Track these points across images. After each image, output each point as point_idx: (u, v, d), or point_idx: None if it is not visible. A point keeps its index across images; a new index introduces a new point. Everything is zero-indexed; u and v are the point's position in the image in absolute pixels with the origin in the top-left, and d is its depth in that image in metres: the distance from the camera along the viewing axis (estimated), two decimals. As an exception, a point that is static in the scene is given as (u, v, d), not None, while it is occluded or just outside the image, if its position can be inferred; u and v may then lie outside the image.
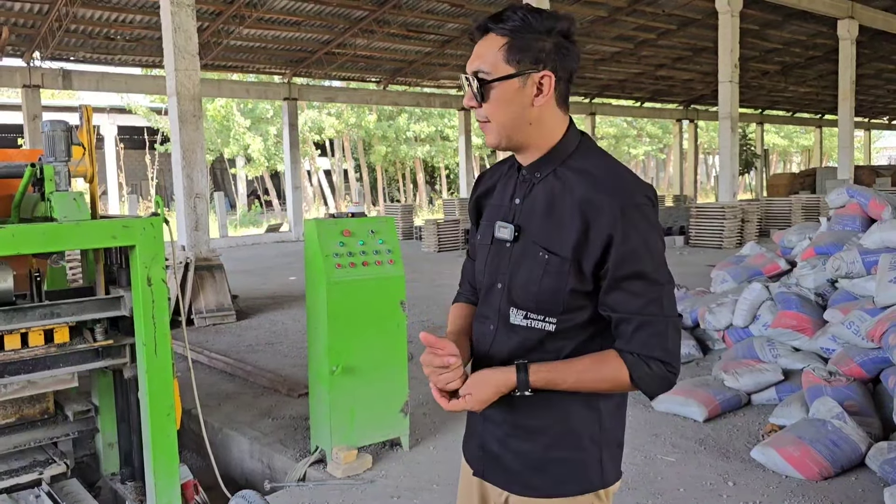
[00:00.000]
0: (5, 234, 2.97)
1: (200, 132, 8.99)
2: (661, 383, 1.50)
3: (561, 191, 1.53)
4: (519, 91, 1.51)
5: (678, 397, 4.70)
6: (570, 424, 1.58)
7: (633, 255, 1.45)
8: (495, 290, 1.62)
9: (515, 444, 1.61)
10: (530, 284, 1.54)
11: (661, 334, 1.47)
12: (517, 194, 1.61)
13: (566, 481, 1.58)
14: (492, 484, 1.66)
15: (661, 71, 24.69)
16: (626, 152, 40.68)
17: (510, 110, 1.52)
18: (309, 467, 4.01)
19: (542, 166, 1.58)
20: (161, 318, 3.38)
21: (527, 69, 1.50)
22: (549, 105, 1.54)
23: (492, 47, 1.51)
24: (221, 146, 27.94)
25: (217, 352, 6.84)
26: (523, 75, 1.50)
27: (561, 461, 1.58)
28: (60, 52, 16.15)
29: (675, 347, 1.50)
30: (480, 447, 1.68)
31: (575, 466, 1.58)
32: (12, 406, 3.80)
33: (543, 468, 1.59)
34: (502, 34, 1.50)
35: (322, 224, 4.01)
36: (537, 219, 1.55)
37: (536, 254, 1.53)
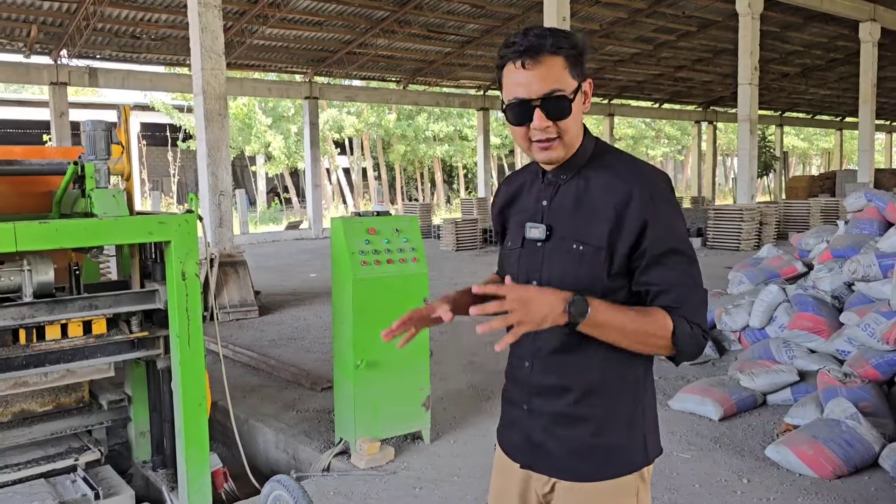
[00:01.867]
0: (49, 228, 3.12)
1: (226, 130, 9.16)
2: (695, 347, 1.59)
3: (587, 188, 1.65)
4: (579, 102, 1.63)
5: (694, 396, 4.78)
6: (615, 411, 1.66)
7: (667, 234, 1.58)
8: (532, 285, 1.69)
9: (562, 432, 1.68)
10: (566, 276, 1.63)
11: (700, 303, 1.60)
12: (543, 197, 1.72)
13: (612, 465, 1.66)
14: (538, 473, 1.73)
15: (681, 72, 24.64)
16: (645, 153, 40.56)
17: (578, 121, 1.65)
18: (333, 458, 4.13)
19: (567, 169, 1.69)
20: (194, 310, 3.52)
21: (583, 80, 1.63)
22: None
23: (554, 67, 1.58)
24: (242, 144, 28.22)
25: (241, 346, 6.99)
26: (580, 89, 1.62)
27: (608, 447, 1.66)
28: (87, 51, 16.43)
29: (705, 315, 1.62)
30: (526, 438, 1.74)
31: (621, 450, 1.67)
32: (50, 394, 3.96)
33: (590, 453, 1.66)
34: (559, 54, 1.58)
35: (348, 222, 4.13)
36: (567, 216, 1.66)
37: (570, 247, 1.63)
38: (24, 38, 15.32)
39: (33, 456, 3.87)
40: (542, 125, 1.59)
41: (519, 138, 1.66)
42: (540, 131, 1.60)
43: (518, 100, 1.59)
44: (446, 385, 5.58)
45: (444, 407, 5.04)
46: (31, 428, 3.83)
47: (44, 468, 3.82)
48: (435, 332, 7.50)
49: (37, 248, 3.16)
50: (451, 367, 6.14)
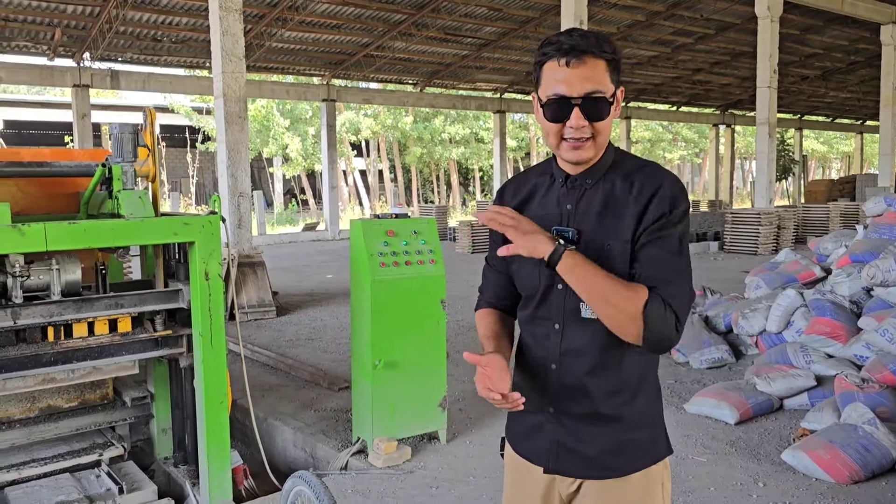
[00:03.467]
0: (78, 229, 3.20)
1: (245, 133, 9.26)
2: (665, 329, 1.58)
3: (613, 191, 1.68)
4: (616, 108, 1.67)
5: (710, 400, 4.79)
6: (641, 407, 1.74)
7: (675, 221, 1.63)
8: (555, 291, 1.71)
9: (593, 433, 1.72)
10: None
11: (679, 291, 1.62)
12: (566, 201, 1.72)
13: (642, 457, 1.73)
14: (565, 476, 1.76)
15: (699, 75, 24.55)
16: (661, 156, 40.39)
17: (609, 125, 1.68)
18: (351, 457, 4.19)
19: (592, 173, 1.71)
20: (217, 310, 3.59)
21: (618, 87, 1.67)
22: None
23: (597, 69, 1.62)
24: (260, 146, 28.44)
25: (259, 346, 7.07)
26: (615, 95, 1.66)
27: (637, 441, 1.73)
28: (109, 53, 16.65)
29: (685, 313, 1.63)
30: (555, 442, 1.75)
31: (650, 443, 1.75)
32: (75, 391, 4.05)
33: (622, 450, 1.72)
34: (602, 57, 1.62)
35: (367, 224, 4.19)
36: (594, 218, 1.68)
37: (601, 247, 1.65)
38: (49, 41, 15.55)
39: (59, 451, 3.96)
40: (579, 124, 1.62)
41: (551, 135, 1.67)
42: (575, 129, 1.62)
43: (558, 96, 1.61)
44: (463, 386, 5.63)
45: (460, 408, 5.08)
46: (57, 423, 3.92)
47: (69, 463, 3.90)
48: (450, 334, 7.53)
49: (66, 247, 3.24)
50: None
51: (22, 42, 15.44)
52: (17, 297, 3.34)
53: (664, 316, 1.58)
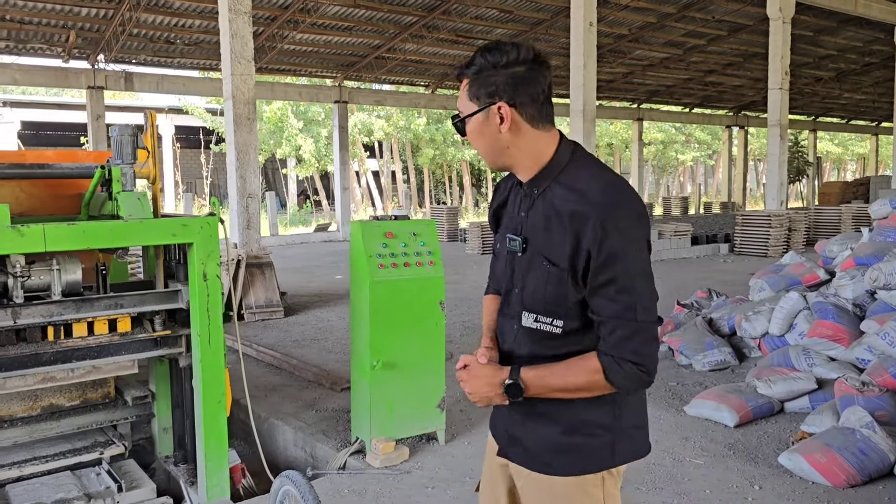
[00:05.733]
0: (77, 230, 3.25)
1: (254, 134, 9.33)
2: (633, 382, 1.63)
3: (554, 207, 1.68)
4: (484, 123, 1.68)
5: (710, 402, 4.78)
6: (582, 416, 1.73)
7: (609, 264, 1.59)
8: (514, 293, 1.79)
9: (534, 428, 1.77)
10: (537, 291, 1.70)
11: (631, 337, 1.60)
12: (523, 207, 1.77)
13: (578, 463, 1.74)
14: (510, 461, 1.84)
15: (711, 77, 24.44)
16: (674, 158, 40.21)
17: (483, 141, 1.71)
18: (349, 457, 4.22)
19: (539, 182, 1.73)
20: (215, 310, 3.63)
21: (485, 104, 1.67)
22: (520, 129, 1.68)
23: (462, 90, 1.71)
24: (274, 147, 28.59)
25: (265, 346, 7.12)
26: (484, 110, 1.67)
27: (575, 446, 1.74)
28: (123, 55, 16.80)
29: (647, 349, 1.63)
30: (505, 431, 1.85)
31: (588, 451, 1.73)
32: (77, 390, 4.10)
33: (560, 450, 1.75)
34: (466, 77, 1.69)
35: (366, 226, 4.22)
36: (539, 232, 1.71)
37: (541, 263, 1.69)
38: (63, 43, 15.74)
39: (60, 449, 4.02)
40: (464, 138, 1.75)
41: None
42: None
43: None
44: (464, 387, 5.64)
45: (460, 409, 5.10)
46: (58, 422, 3.98)
47: (70, 461, 3.96)
48: (455, 335, 7.57)
49: (65, 248, 3.29)
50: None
51: (37, 44, 15.63)
52: (18, 296, 3.40)
53: (622, 371, 1.61)
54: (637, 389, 1.68)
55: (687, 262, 13.94)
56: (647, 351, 1.62)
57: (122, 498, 3.77)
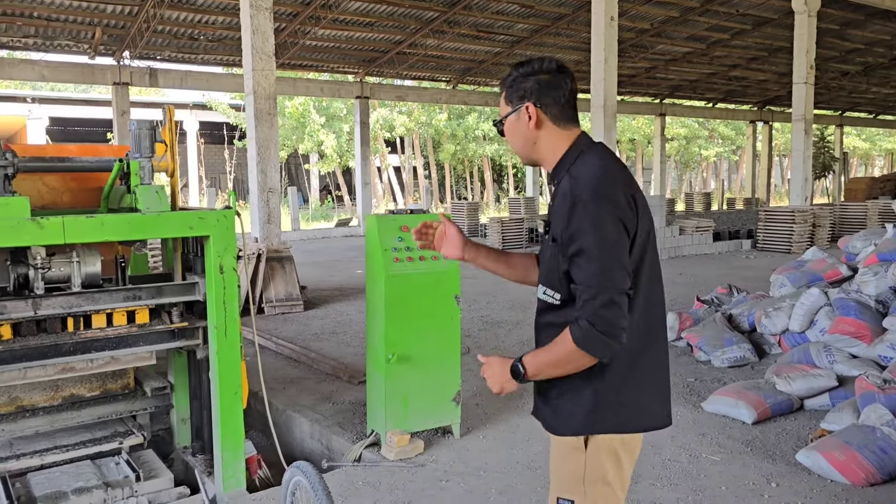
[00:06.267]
0: (96, 222, 3.30)
1: (275, 129, 9.39)
2: (593, 342, 1.80)
3: (561, 193, 1.93)
4: (516, 122, 2.01)
5: (728, 398, 4.74)
6: (571, 382, 1.94)
7: (578, 236, 1.83)
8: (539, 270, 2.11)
9: (539, 391, 2.06)
10: (546, 266, 2.00)
11: (591, 300, 1.80)
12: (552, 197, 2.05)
13: (563, 424, 1.97)
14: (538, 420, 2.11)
15: (735, 71, 24.14)
16: (697, 153, 39.80)
17: (516, 137, 2.04)
18: (364, 449, 4.24)
19: (556, 173, 2.00)
20: (231, 303, 3.67)
21: (517, 106, 1.99)
22: (545, 126, 1.99)
23: (502, 98, 2.06)
24: (296, 142, 28.75)
25: (284, 339, 7.18)
26: (516, 111, 2.00)
27: (561, 408, 1.98)
28: (148, 52, 16.98)
29: (605, 312, 1.79)
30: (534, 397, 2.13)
31: (568, 415, 1.96)
32: (97, 380, 4.17)
33: (553, 411, 2.00)
34: (502, 88, 2.05)
35: (382, 220, 4.23)
36: (554, 216, 1.96)
37: (549, 242, 1.97)
38: (89, 40, 15.94)
39: (81, 438, 4.09)
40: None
41: None
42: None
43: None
44: (481, 382, 5.59)
45: (476, 402, 5.10)
46: (79, 412, 4.04)
47: (90, 450, 4.02)
48: (473, 329, 7.58)
49: (83, 240, 3.34)
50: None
51: (64, 41, 15.84)
52: (39, 287, 3.46)
53: (584, 333, 1.79)
54: (601, 353, 1.81)
55: (708, 259, 13.82)
56: (604, 313, 1.78)
57: (140, 487, 3.82)
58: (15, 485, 3.78)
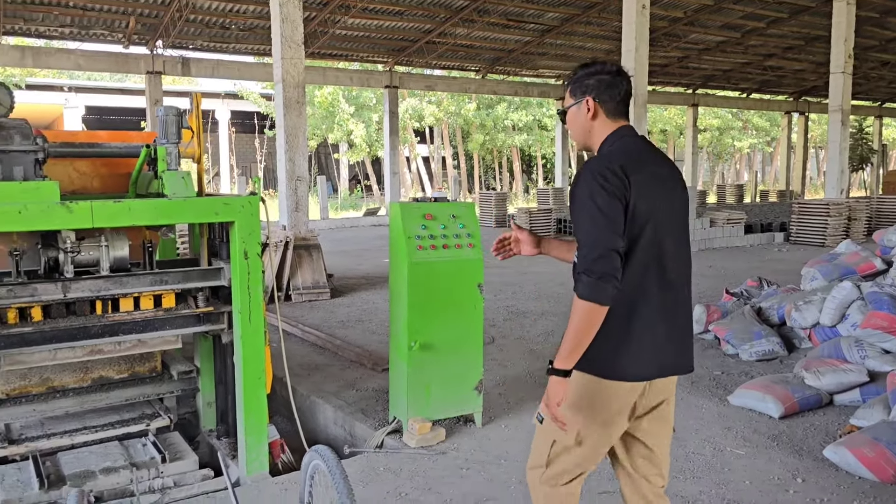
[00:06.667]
0: (123, 207, 3.35)
1: (303, 118, 9.43)
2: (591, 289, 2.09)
3: None
4: (577, 113, 2.36)
5: (755, 392, 4.67)
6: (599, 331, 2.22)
7: (575, 204, 2.22)
8: None
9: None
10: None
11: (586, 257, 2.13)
12: None
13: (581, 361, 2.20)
14: None
15: (770, 61, 23.66)
16: (730, 145, 39.17)
17: (576, 126, 2.39)
18: (386, 436, 4.26)
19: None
20: (255, 288, 3.70)
21: (579, 99, 2.35)
22: (599, 118, 2.33)
23: (566, 92, 2.41)
24: (326, 132, 28.87)
25: (310, 326, 7.23)
26: (578, 103, 2.35)
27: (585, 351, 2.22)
28: (180, 41, 17.16)
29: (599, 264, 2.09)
30: None
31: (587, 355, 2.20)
32: (126, 363, 4.24)
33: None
34: (567, 83, 2.40)
35: (406, 207, 4.23)
36: None
37: None
38: (123, 29, 16.15)
39: (109, 420, 4.17)
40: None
41: None
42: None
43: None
44: (505, 371, 5.64)
45: (500, 392, 5.10)
46: (108, 393, 4.13)
47: (118, 431, 4.11)
48: (499, 319, 7.56)
49: (111, 225, 3.40)
50: (512, 353, 6.19)
51: (99, 30, 16.07)
52: (69, 271, 3.53)
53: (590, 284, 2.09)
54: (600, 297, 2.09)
55: (739, 251, 13.62)
56: (594, 265, 2.10)
57: (165, 468, 3.89)
58: (45, 463, 3.87)
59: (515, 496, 3.57)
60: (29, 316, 3.46)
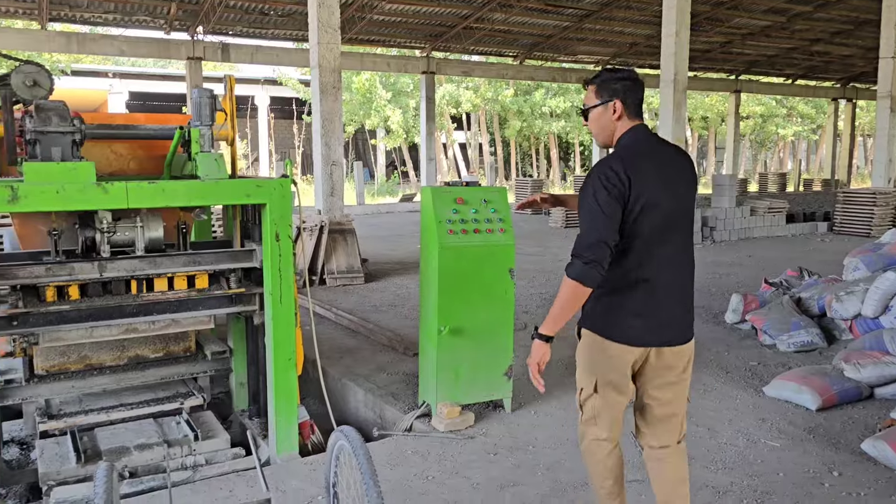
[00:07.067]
0: (157, 188, 3.39)
1: (339, 103, 9.46)
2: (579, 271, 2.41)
3: None
4: (602, 113, 2.61)
5: (791, 384, 4.57)
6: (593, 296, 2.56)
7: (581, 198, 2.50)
8: None
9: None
10: None
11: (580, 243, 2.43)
12: None
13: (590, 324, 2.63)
14: None
15: (817, 46, 23.01)
16: (774, 132, 38.25)
17: (599, 124, 2.64)
18: (415, 420, 4.27)
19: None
20: (286, 270, 3.73)
21: (606, 100, 2.59)
22: (622, 118, 2.59)
23: (590, 90, 2.65)
24: (363, 118, 28.95)
25: (343, 310, 7.28)
26: (604, 104, 2.59)
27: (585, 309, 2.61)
28: (220, 27, 17.31)
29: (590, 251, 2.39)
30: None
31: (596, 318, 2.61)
32: (161, 342, 4.32)
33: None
34: (594, 84, 2.63)
35: (437, 192, 4.22)
36: None
37: None
38: (165, 15, 16.35)
39: (144, 398, 4.26)
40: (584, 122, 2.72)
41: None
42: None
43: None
44: (536, 358, 5.60)
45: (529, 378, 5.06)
46: (143, 372, 4.21)
47: (153, 409, 4.19)
48: (532, 306, 7.52)
49: (145, 205, 3.45)
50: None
51: (141, 16, 16.29)
52: (105, 251, 3.59)
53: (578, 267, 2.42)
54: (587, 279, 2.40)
55: (780, 241, 13.32)
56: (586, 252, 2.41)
57: (198, 446, 3.96)
58: (83, 438, 3.97)
59: (543, 482, 3.55)
60: (66, 294, 3.54)
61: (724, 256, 11.18)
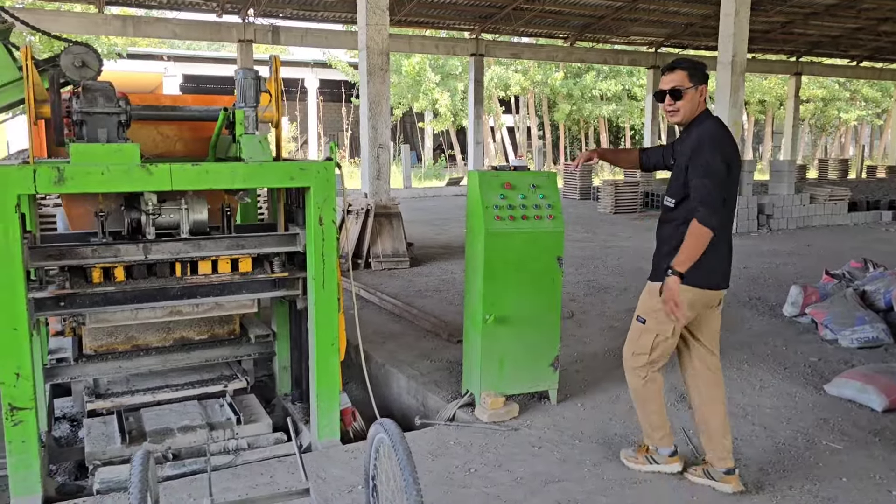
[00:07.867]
0: (200, 170, 3.35)
1: (386, 85, 9.38)
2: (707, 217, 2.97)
3: (687, 138, 3.26)
4: (694, 95, 3.22)
5: (855, 382, 4.35)
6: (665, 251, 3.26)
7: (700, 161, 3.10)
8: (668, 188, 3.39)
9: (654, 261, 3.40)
10: (671, 182, 3.31)
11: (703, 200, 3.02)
12: (677, 143, 3.40)
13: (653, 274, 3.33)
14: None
15: (885, 25, 21.97)
16: (836, 117, 36.88)
17: (689, 105, 3.23)
18: (458, 409, 4.19)
19: (688, 127, 3.29)
20: (330, 255, 3.66)
21: (698, 84, 3.22)
22: (703, 101, 3.23)
23: (680, 74, 3.23)
24: (412, 101, 28.86)
25: (388, 294, 7.23)
26: (696, 87, 3.22)
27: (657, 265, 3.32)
28: (271, 9, 17.39)
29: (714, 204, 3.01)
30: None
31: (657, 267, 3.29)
32: (206, 325, 4.32)
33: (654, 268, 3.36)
34: (684, 69, 3.23)
35: (484, 176, 4.10)
36: (681, 149, 3.30)
37: (679, 166, 3.25)
38: (216, -2, 16.50)
39: (189, 379, 4.27)
40: (667, 107, 3.26)
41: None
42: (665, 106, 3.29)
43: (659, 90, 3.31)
44: (583, 348, 5.47)
45: (577, 369, 4.94)
46: (188, 354, 4.22)
47: (197, 391, 4.20)
48: (578, 294, 7.36)
49: (189, 187, 3.41)
50: (592, 330, 6.00)
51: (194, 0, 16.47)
52: (150, 233, 3.58)
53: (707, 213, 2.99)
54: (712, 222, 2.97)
55: (842, 230, 12.83)
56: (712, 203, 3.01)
57: (240, 430, 3.95)
58: (128, 419, 3.99)
59: (589, 479, 3.43)
60: (112, 276, 3.54)
61: (782, 246, 10.81)
